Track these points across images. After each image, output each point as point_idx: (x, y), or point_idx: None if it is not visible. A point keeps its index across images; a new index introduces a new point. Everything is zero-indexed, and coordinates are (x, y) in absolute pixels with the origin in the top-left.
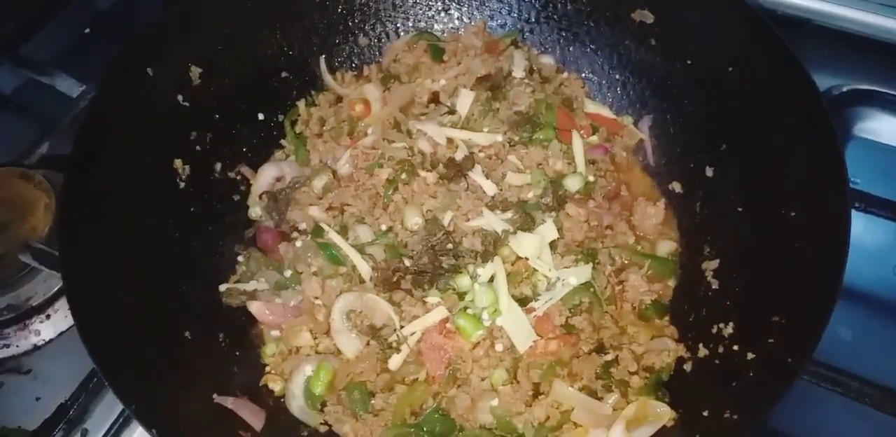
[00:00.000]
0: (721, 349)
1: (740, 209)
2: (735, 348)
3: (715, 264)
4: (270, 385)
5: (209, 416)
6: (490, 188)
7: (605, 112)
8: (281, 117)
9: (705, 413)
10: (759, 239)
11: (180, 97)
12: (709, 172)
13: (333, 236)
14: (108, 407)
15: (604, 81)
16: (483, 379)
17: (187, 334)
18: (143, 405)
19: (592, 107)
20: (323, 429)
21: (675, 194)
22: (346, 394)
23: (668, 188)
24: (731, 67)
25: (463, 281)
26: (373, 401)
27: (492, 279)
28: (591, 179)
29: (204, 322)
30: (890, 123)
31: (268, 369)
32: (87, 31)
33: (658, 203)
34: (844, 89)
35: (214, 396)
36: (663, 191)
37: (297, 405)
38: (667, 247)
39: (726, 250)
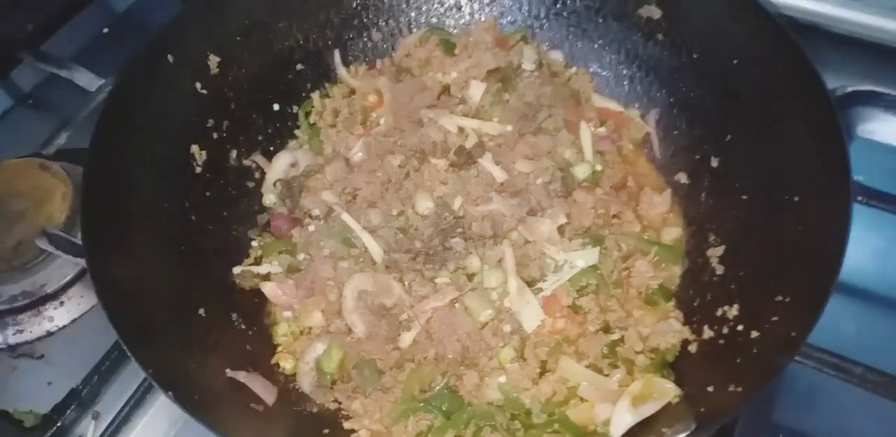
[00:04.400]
0: (726, 330)
1: (745, 197)
2: (739, 328)
3: (720, 250)
4: (282, 363)
5: (223, 387)
6: (500, 175)
7: (613, 105)
8: (295, 108)
9: (710, 389)
10: (763, 225)
11: (198, 85)
12: (714, 162)
13: (346, 219)
14: (120, 391)
15: (612, 76)
16: (491, 358)
17: (202, 311)
18: (160, 370)
19: (600, 101)
20: (333, 406)
21: (681, 185)
22: (356, 372)
23: (673, 179)
24: (737, 60)
25: (473, 262)
26: (382, 379)
27: (500, 262)
28: (599, 168)
29: (218, 302)
30: (893, 123)
31: (279, 348)
32: (105, 30)
33: (664, 193)
34: (848, 90)
35: (227, 370)
36: (669, 182)
37: (307, 382)
38: (672, 234)
39: (731, 236)
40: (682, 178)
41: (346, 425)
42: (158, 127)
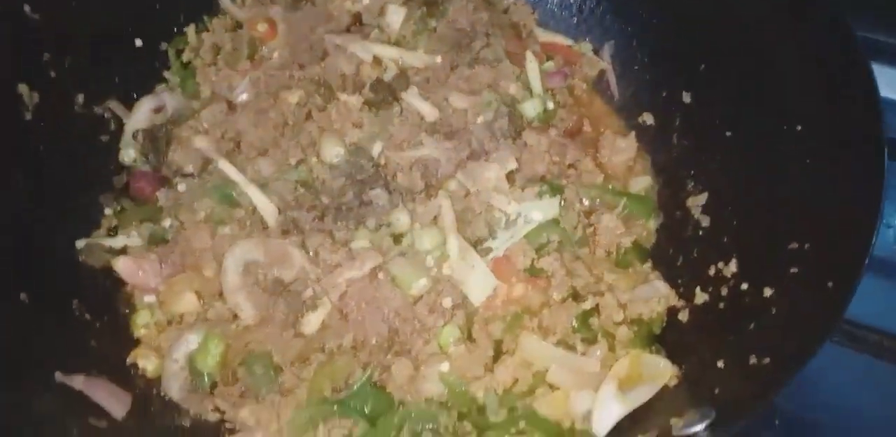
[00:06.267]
0: (725, 292)
1: (729, 134)
2: (744, 286)
3: (702, 198)
4: (141, 363)
5: (46, 402)
6: (430, 112)
7: (560, 40)
8: (164, 45)
9: (720, 364)
10: (757, 163)
11: (27, 7)
12: (686, 97)
13: (225, 168)
14: None
15: (556, 5)
16: (428, 342)
17: (24, 297)
18: None
19: (545, 36)
20: (213, 417)
21: (647, 127)
22: (243, 370)
23: (637, 121)
24: None
25: (400, 217)
26: (280, 378)
27: (436, 219)
28: (551, 106)
29: (50, 285)
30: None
31: (139, 344)
32: None
33: (629, 136)
34: None
35: (57, 374)
36: (632, 125)
37: (176, 386)
38: (642, 183)
39: (714, 182)
40: (648, 119)
41: None
42: None
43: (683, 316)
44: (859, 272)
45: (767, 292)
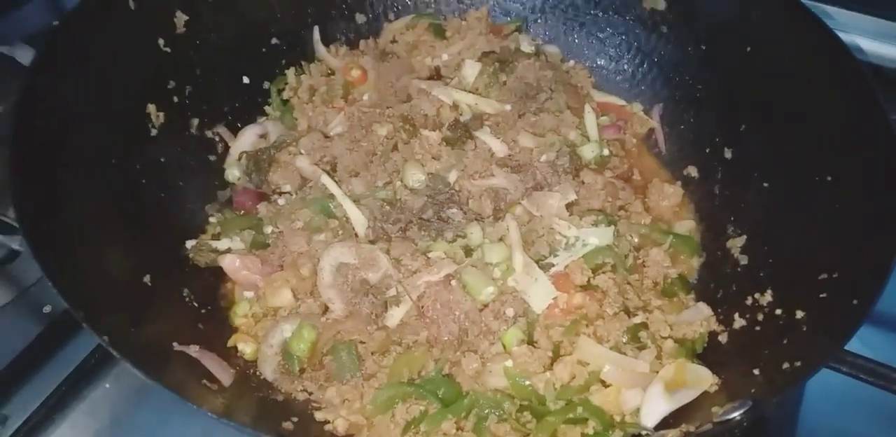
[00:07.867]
0: (761, 317)
1: (766, 185)
2: (778, 312)
3: (741, 240)
4: (241, 347)
5: (173, 359)
6: (500, 148)
7: (614, 100)
8: (267, 84)
9: (756, 372)
10: (792, 209)
11: (161, 41)
12: (727, 153)
13: (326, 181)
14: (31, 395)
15: (611, 71)
16: (493, 344)
17: (147, 279)
18: (114, 337)
19: (600, 97)
20: (302, 396)
21: (691, 179)
22: (330, 358)
23: (683, 174)
24: (750, 47)
25: (474, 231)
26: (363, 366)
27: (503, 239)
28: (606, 152)
29: (166, 274)
30: None
31: (239, 331)
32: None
33: (675, 184)
34: None
35: (175, 344)
36: (678, 176)
37: (270, 369)
38: (686, 226)
39: (753, 226)
40: (693, 172)
41: (319, 415)
42: (111, 77)
43: (723, 339)
44: (881, 287)
45: (799, 314)
